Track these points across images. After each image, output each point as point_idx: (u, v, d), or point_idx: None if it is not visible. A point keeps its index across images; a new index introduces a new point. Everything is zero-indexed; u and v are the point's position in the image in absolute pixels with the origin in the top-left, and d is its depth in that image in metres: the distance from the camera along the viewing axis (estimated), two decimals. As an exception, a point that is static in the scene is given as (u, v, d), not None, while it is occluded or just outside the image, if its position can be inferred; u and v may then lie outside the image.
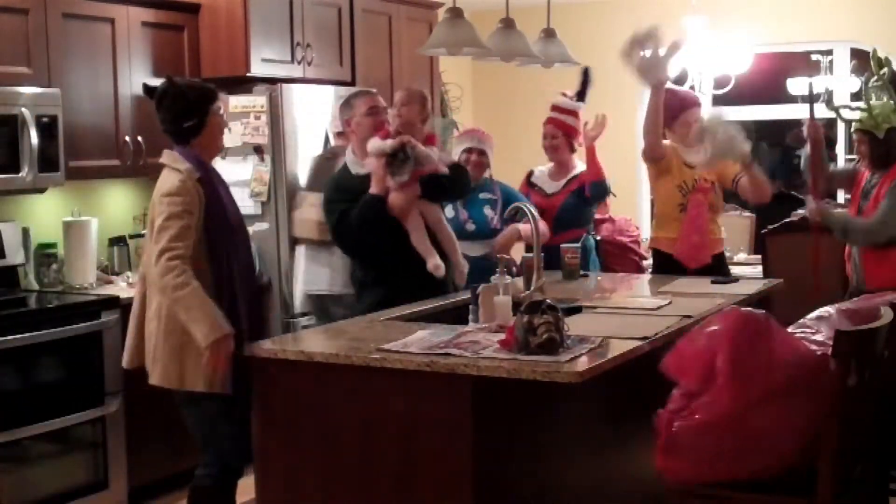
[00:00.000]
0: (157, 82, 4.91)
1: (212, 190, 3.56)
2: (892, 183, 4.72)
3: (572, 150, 5.31)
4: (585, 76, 5.30)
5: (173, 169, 3.54)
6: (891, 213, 4.69)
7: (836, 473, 2.81)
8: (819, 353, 2.88)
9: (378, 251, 4.21)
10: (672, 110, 5.02)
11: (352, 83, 5.88)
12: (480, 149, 5.06)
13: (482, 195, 5.01)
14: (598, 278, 4.94)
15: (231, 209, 3.64)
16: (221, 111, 3.72)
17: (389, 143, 4.07)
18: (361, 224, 4.12)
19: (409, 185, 4.11)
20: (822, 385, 2.80)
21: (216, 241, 3.50)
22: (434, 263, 4.14)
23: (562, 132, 5.24)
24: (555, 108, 5.30)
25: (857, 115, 4.87)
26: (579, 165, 5.30)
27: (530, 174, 5.44)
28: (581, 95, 5.28)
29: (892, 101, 4.73)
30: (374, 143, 4.12)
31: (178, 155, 3.58)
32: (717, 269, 5.03)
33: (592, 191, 5.18)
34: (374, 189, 4.13)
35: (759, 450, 2.83)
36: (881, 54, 4.89)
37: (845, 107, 5.15)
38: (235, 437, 3.52)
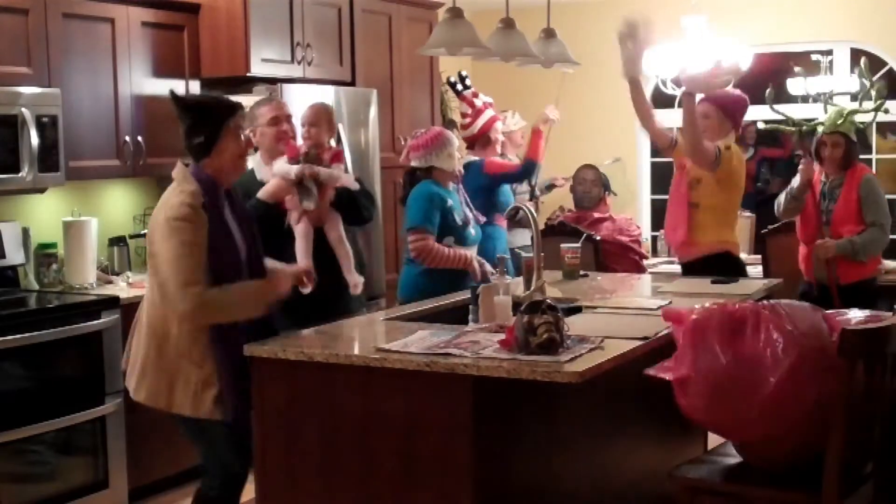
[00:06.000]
0: (156, 82, 5.01)
1: (216, 219, 3.30)
2: (860, 186, 5.05)
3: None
4: None
5: (180, 188, 3.29)
6: (881, 215, 5.07)
7: (842, 469, 2.83)
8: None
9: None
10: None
11: (352, 83, 5.89)
12: None
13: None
14: (599, 278, 4.94)
15: (238, 243, 3.39)
16: (242, 129, 3.42)
17: (294, 171, 3.93)
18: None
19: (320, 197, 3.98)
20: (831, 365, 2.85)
21: (217, 274, 3.27)
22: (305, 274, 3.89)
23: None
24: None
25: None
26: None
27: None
28: None
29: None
30: (280, 166, 3.99)
31: (188, 173, 3.31)
32: (722, 270, 4.78)
33: (526, 166, 5.50)
34: (264, 196, 3.97)
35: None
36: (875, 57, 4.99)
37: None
38: (236, 449, 3.43)
